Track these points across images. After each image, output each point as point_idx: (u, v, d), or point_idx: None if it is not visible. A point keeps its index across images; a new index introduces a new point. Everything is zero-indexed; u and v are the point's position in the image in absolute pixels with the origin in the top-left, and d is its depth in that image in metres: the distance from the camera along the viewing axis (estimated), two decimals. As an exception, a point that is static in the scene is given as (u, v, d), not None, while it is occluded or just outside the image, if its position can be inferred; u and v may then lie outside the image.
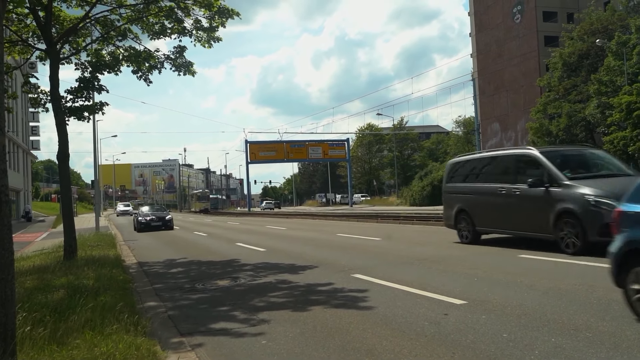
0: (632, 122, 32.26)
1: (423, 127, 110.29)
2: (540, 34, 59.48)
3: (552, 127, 45.00)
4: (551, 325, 5.91)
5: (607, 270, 6.37)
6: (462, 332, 5.85)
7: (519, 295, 7.51)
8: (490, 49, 65.68)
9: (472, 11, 70.14)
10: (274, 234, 23.59)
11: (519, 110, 60.54)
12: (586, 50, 44.84)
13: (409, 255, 12.77)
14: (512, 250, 12.39)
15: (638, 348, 4.98)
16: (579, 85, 44.51)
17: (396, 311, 7.02)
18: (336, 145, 74.84)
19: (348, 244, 16.70)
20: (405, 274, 9.99)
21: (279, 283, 9.84)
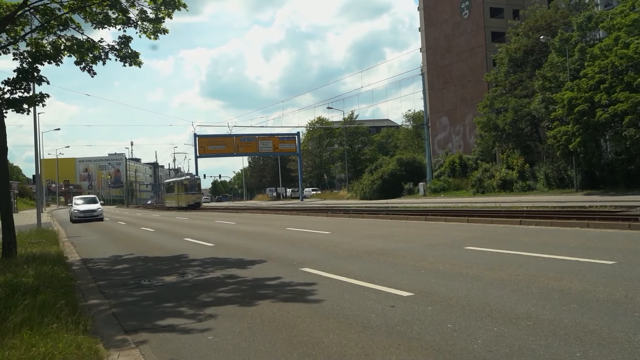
0: (574, 118, 33.17)
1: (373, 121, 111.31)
2: (487, 29, 60.61)
3: (498, 121, 45.90)
4: (494, 315, 6.02)
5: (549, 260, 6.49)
6: (408, 324, 5.90)
7: (464, 286, 7.62)
8: (439, 43, 66.60)
9: (422, 6, 70.92)
10: (223, 229, 23.37)
11: (467, 104, 61.61)
12: (531, 46, 45.89)
13: (358, 248, 12.83)
14: (459, 243, 12.61)
15: (574, 334, 5.12)
16: (524, 80, 45.53)
17: (344, 304, 7.03)
18: (287, 139, 74.67)
19: (298, 238, 16.67)
20: (354, 267, 10.02)
21: (226, 278, 9.74)
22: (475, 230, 15.87)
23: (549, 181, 40.62)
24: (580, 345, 4.79)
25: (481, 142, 52.12)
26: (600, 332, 5.11)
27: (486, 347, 4.94)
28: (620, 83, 31.67)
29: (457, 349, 4.99)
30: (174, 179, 71.61)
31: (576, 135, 33.19)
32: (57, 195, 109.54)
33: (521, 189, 42.30)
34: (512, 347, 4.90)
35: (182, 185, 63.02)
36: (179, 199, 63.08)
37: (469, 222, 18.36)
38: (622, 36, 32.08)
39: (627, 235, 12.42)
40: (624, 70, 31.89)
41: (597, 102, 32.41)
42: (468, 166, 53.29)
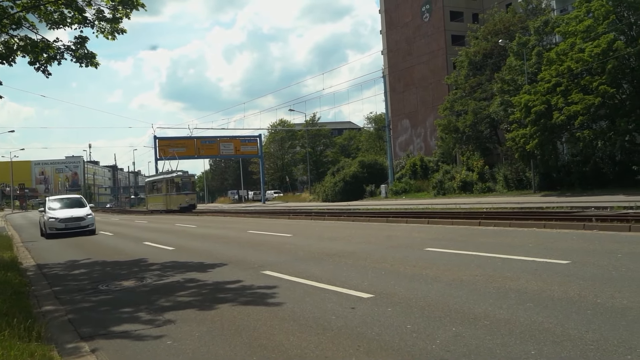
0: (531, 120, 33.83)
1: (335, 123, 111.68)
2: (447, 33, 61.41)
3: (459, 123, 46.54)
4: (452, 315, 6.08)
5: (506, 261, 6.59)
6: (368, 325, 5.92)
7: (423, 287, 7.69)
8: (400, 46, 67.18)
9: (383, 9, 71.43)
10: (184, 232, 23.13)
11: (427, 107, 62.28)
12: (490, 49, 46.68)
13: (320, 250, 12.83)
14: (420, 244, 12.72)
15: (530, 333, 5.21)
16: (483, 83, 46.27)
17: (305, 306, 7.02)
18: (248, 142, 74.34)
19: (259, 241, 16.60)
20: (315, 269, 10.03)
21: (186, 282, 9.63)
22: (435, 231, 16.03)
23: (508, 183, 41.35)
24: (535, 344, 4.87)
25: (442, 145, 52.78)
26: (555, 330, 5.21)
27: (444, 347, 4.99)
28: (576, 86, 32.42)
29: (416, 349, 5.02)
30: (161, 176, 57.89)
31: (533, 138, 33.86)
32: (12, 199, 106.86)
33: (481, 190, 42.95)
34: (470, 346, 4.96)
35: (173, 183, 52.54)
36: (168, 200, 52.61)
37: (430, 224, 18.55)
38: (577, 41, 32.85)
39: (581, 235, 12.70)
40: (579, 74, 32.67)
41: (553, 105, 33.13)
42: (429, 168, 53.85)
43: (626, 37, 31.60)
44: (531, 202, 27.88)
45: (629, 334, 4.98)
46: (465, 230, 15.97)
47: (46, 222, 23.54)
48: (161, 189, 55.74)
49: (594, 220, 14.57)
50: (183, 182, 51.86)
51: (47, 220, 23.48)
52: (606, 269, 8.13)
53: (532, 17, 44.18)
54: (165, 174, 56.30)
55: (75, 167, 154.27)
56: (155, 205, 57.21)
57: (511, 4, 53.10)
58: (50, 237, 22.76)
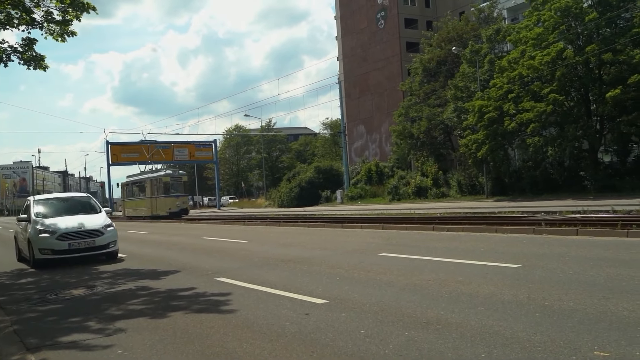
0: (483, 126, 34.50)
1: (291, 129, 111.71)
2: (402, 39, 62.13)
3: (413, 129, 47.07)
4: (405, 319, 6.13)
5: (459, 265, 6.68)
6: (322, 331, 5.92)
7: (377, 292, 7.74)
8: (355, 52, 67.68)
9: (338, 15, 71.86)
10: (136, 239, 22.76)
11: (383, 113, 62.84)
12: (444, 56, 47.41)
13: (275, 256, 12.79)
14: (374, 250, 12.80)
15: (480, 336, 5.29)
16: (437, 90, 46.95)
17: (258, 313, 6.99)
18: (203, 147, 73.69)
19: (213, 247, 16.45)
20: (270, 275, 9.98)
21: (138, 290, 9.47)
22: (390, 236, 16.15)
23: (462, 188, 42.00)
24: (486, 346, 4.95)
25: (397, 150, 53.29)
26: (504, 333, 5.31)
27: (397, 352, 5.03)
28: (527, 93, 33.20)
29: (369, 354, 5.05)
30: (145, 175, 49.68)
31: (485, 144, 34.52)
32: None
33: (435, 195, 43.50)
34: (422, 350, 5.01)
35: (160, 183, 45.25)
36: (155, 204, 45.01)
37: (384, 229, 18.69)
38: (527, 50, 33.66)
39: (531, 239, 12.99)
40: (530, 81, 33.47)
41: (505, 112, 33.85)
42: (384, 174, 54.28)
43: (574, 47, 32.52)
44: (484, 207, 28.37)
45: (574, 334, 5.11)
46: (419, 235, 16.15)
47: (32, 239, 13.88)
48: (145, 190, 47.80)
49: (543, 225, 14.92)
50: (173, 183, 44.99)
51: (33, 235, 13.91)
52: (554, 272, 8.32)
53: (485, 26, 45.07)
54: (149, 172, 49.02)
55: (23, 173, 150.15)
56: (136, 210, 49.79)
57: (464, 12, 54.08)
58: (41, 265, 13.79)
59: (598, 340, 4.89)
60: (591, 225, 14.15)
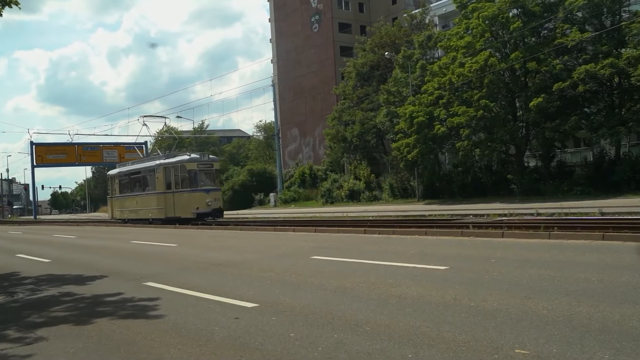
0: (414, 130, 35.22)
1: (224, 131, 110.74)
2: (336, 43, 62.72)
3: (346, 133, 47.57)
4: (335, 322, 6.17)
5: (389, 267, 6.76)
6: (252, 335, 5.88)
7: (308, 295, 7.75)
8: (290, 55, 67.80)
9: (273, 18, 71.83)
10: (62, 243, 22.02)
11: (316, 116, 63.16)
12: (377, 61, 48.15)
13: (205, 260, 12.64)
14: (306, 253, 12.83)
15: (408, 337, 5.37)
16: (370, 94, 47.63)
17: (187, 318, 6.87)
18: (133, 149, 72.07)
19: (142, 251, 16.10)
20: (200, 279, 9.85)
21: (62, 296, 9.14)
22: (322, 239, 16.22)
23: (394, 191, 42.71)
24: (413, 347, 5.04)
25: (330, 154, 53.71)
26: (431, 334, 5.41)
27: (326, 354, 5.04)
28: (457, 99, 34.11)
29: (298, 357, 5.05)
30: (153, 161, 33.74)
31: (416, 147, 35.25)
32: None
33: (368, 199, 44.07)
34: (350, 352, 5.05)
35: (183, 172, 30.52)
36: (172, 201, 30.79)
37: (317, 232, 18.76)
38: (458, 56, 34.58)
39: (459, 241, 13.31)
40: (460, 87, 34.40)
41: (436, 117, 34.67)
42: (318, 177, 54.58)
43: (501, 54, 33.64)
44: (415, 210, 28.92)
45: (497, 334, 5.26)
46: (351, 238, 16.29)
47: None
48: (152, 183, 32.95)
49: (471, 228, 15.33)
50: (202, 171, 30.85)
51: None
52: (480, 273, 8.55)
53: (417, 32, 46.06)
54: (159, 157, 34.30)
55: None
56: (135, 211, 34.84)
57: (397, 18, 55.09)
58: None
59: (519, 339, 5.05)
60: (516, 228, 14.67)
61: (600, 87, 32.16)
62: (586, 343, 4.80)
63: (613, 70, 28.91)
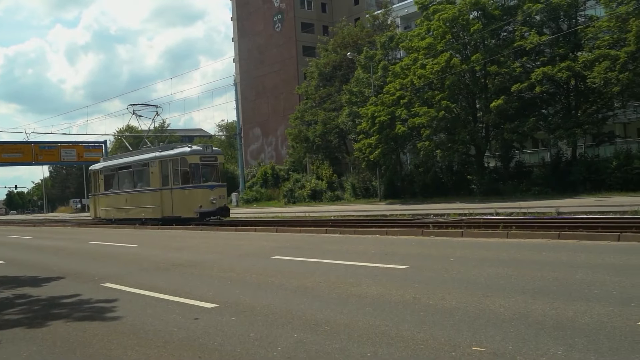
0: (376, 130, 35.47)
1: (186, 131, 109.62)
2: (299, 43, 62.70)
3: (309, 133, 47.60)
4: (295, 321, 6.17)
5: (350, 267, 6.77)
6: (211, 335, 5.84)
7: (268, 295, 7.73)
8: (252, 54, 67.51)
9: (235, 16, 71.43)
10: (17, 244, 21.52)
11: (279, 116, 63.03)
12: (339, 61, 48.31)
13: (165, 260, 12.49)
14: (267, 253, 12.79)
15: (367, 336, 5.40)
16: (333, 94, 47.78)
17: (146, 319, 6.79)
18: (92, 148, 70.67)
19: (101, 252, 15.82)
20: (160, 280, 9.74)
21: (16, 298, 8.93)
22: (283, 239, 16.22)
23: (356, 191, 42.92)
24: (372, 346, 5.06)
25: (293, 153, 53.71)
26: (390, 332, 5.45)
27: (285, 354, 5.04)
28: (419, 99, 34.46)
29: (258, 357, 5.03)
30: (145, 154, 30.39)
31: (377, 147, 35.50)
32: None
33: (330, 199, 44.20)
34: (310, 352, 5.05)
35: (183, 165, 27.09)
36: (170, 199, 27.33)
37: (278, 232, 18.73)
38: (419, 57, 34.92)
39: (419, 241, 13.45)
40: (421, 88, 34.75)
41: (397, 117, 34.96)
42: (280, 177, 54.48)
43: (461, 56, 34.10)
44: (376, 210, 29.11)
45: (455, 332, 5.33)
46: (312, 237, 16.30)
47: None
48: (147, 178, 29.20)
49: (431, 227, 15.49)
50: (205, 165, 27.27)
51: None
52: (439, 272, 8.65)
53: (379, 33, 46.34)
54: (155, 149, 30.32)
55: None
56: (124, 210, 31.06)
57: (359, 18, 55.32)
58: None
59: (476, 337, 5.12)
60: (475, 228, 14.91)
61: (558, 90, 32.89)
62: (541, 339, 4.90)
63: (570, 73, 29.58)
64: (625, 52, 27.42)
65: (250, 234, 19.09)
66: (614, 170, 28.98)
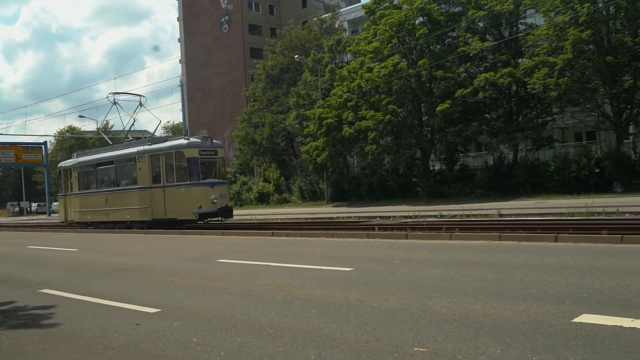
0: (323, 132, 35.62)
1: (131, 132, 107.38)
2: (246, 45, 62.45)
3: (256, 135, 47.40)
4: (239, 325, 6.10)
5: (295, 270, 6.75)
6: (153, 341, 5.73)
7: (212, 299, 7.64)
8: (198, 56, 66.85)
9: (182, 17, 70.59)
10: (-48, 249, 20.67)
11: (226, 118, 62.57)
12: (287, 64, 48.33)
13: (108, 265, 12.20)
14: (213, 256, 12.66)
15: (311, 339, 5.39)
16: (280, 96, 47.75)
17: (85, 326, 6.60)
18: (32, 149, 68.41)
19: (40, 257, 15.37)
20: (101, 285, 9.50)
21: (-55, 306, 8.56)
22: (229, 242, 16.09)
23: (303, 194, 42.97)
24: (315, 348, 5.06)
25: (240, 156, 53.39)
26: (334, 335, 5.45)
27: (228, 358, 4.98)
28: (366, 103, 34.76)
29: (200, 363, 4.96)
30: (133, 147, 26.15)
31: (325, 150, 35.64)
32: None
33: (277, 201, 44.13)
34: (253, 355, 5.01)
35: (179, 159, 23.61)
36: (163, 199, 23.71)
37: (224, 235, 18.57)
38: (366, 61, 35.24)
39: (365, 243, 13.53)
40: (368, 91, 35.07)
41: (344, 119, 35.18)
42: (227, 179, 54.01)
43: (407, 60, 34.59)
44: (323, 213, 29.18)
45: (398, 333, 5.37)
46: (259, 240, 16.21)
47: None
48: (133, 175, 25.56)
49: (376, 229, 15.63)
50: (204, 160, 23.91)
51: None
52: (384, 274, 8.71)
53: (326, 36, 46.59)
54: (146, 142, 25.96)
55: None
56: (104, 212, 26.84)
57: (307, 21, 55.46)
58: None
59: (418, 337, 5.18)
60: (420, 230, 15.13)
61: (500, 95, 33.75)
62: (480, 339, 4.99)
63: (511, 79, 30.40)
64: (562, 59, 28.32)
65: (196, 237, 18.85)
66: (552, 174, 29.88)
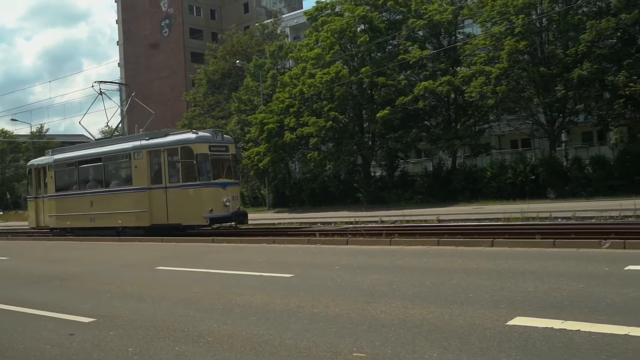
0: (265, 137, 35.55)
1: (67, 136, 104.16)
2: (187, 49, 61.75)
3: (196, 141, 46.82)
4: (177, 334, 6.00)
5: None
6: (87, 352, 5.57)
7: (150, 307, 7.49)
8: (138, 59, 65.70)
9: (120, 19, 69.22)
10: None
11: (166, 123, 61.32)
12: (228, 69, 48.04)
13: (40, 273, 11.82)
14: (151, 263, 12.43)
15: (250, 346, 5.34)
16: (222, 102, 47.38)
17: (15, 337, 6.36)
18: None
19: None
20: (32, 294, 9.20)
21: None
22: (169, 249, 15.85)
23: (244, 200, 42.58)
24: (255, 356, 5.03)
25: (180, 161, 52.58)
26: (273, 342, 5.42)
27: (165, 368, 4.90)
28: (308, 109, 34.86)
29: (136, 373, 4.85)
30: (126, 143, 23.30)
31: (267, 156, 35.56)
32: None
33: (218, 207, 43.61)
34: (191, 365, 4.94)
35: (187, 156, 19.95)
36: (165, 202, 20.22)
37: (163, 242, 18.22)
38: (308, 67, 35.36)
39: (306, 249, 13.56)
40: (310, 97, 35.19)
41: (286, 125, 35.19)
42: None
43: (349, 67, 34.92)
44: (265, 219, 29.06)
45: (337, 338, 5.39)
46: (199, 247, 16.04)
47: None
48: (127, 174, 22.34)
49: (317, 235, 15.67)
50: (215, 157, 20.70)
51: None
52: (324, 280, 8.74)
53: (268, 42, 46.55)
54: (143, 137, 22.62)
55: None
56: (89, 216, 23.03)
57: (249, 27, 55.29)
58: None
59: (357, 343, 5.21)
60: (360, 235, 15.25)
61: (439, 102, 34.41)
62: (418, 343, 5.06)
63: (449, 87, 31.05)
64: (499, 68, 29.14)
65: (134, 244, 18.46)
66: (489, 180, 30.63)
